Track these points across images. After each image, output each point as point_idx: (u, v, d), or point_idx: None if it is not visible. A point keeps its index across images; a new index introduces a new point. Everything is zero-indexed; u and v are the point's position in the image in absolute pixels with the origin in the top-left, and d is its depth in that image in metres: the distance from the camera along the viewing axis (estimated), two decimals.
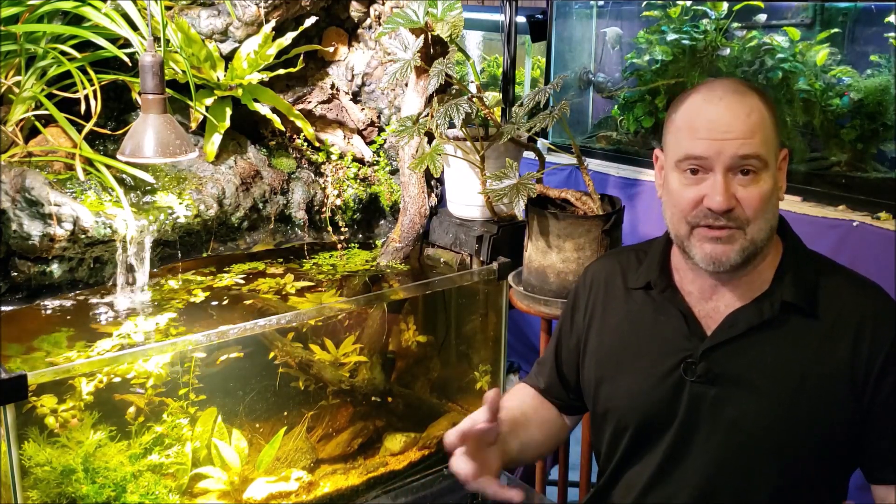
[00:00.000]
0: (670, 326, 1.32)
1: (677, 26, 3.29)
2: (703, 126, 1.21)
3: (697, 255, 1.24)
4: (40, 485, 1.63)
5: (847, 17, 2.86)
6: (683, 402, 1.28)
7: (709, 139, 1.20)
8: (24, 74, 1.86)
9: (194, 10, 2.16)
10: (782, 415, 1.23)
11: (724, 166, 1.20)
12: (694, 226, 1.23)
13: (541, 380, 1.53)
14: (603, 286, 1.44)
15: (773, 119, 1.24)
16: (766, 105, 1.23)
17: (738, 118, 1.20)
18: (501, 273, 2.17)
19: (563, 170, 3.23)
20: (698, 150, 1.21)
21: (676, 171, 1.25)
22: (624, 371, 1.37)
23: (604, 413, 1.40)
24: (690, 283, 1.32)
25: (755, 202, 1.20)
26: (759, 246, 1.23)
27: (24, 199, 1.76)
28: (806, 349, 1.24)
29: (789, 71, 2.91)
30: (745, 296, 1.28)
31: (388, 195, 2.45)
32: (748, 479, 1.25)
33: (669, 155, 1.27)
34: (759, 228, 1.22)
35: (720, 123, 1.20)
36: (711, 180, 1.20)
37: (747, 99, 1.22)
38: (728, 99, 1.22)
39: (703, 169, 1.21)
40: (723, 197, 1.19)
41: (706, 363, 1.27)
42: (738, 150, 1.19)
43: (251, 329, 1.76)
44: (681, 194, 1.24)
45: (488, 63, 4.94)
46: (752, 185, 1.20)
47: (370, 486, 2.07)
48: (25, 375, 1.46)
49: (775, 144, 1.24)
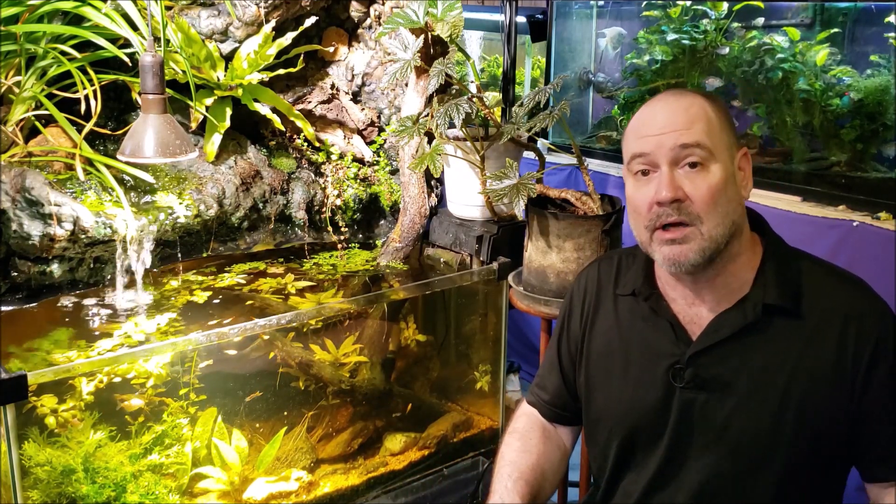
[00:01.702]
0: (657, 333, 1.32)
1: (677, 26, 3.29)
2: (644, 126, 1.25)
3: (659, 258, 1.25)
4: (40, 485, 1.63)
5: (847, 17, 2.86)
6: (674, 408, 1.28)
7: (649, 135, 1.24)
8: (24, 74, 1.86)
9: (194, 10, 2.16)
10: (771, 417, 1.23)
11: (667, 159, 1.22)
12: (652, 230, 1.24)
13: (544, 394, 1.50)
14: (595, 292, 1.45)
15: (722, 117, 1.26)
16: (711, 104, 1.26)
17: (676, 112, 1.23)
18: (501, 273, 2.17)
19: (563, 170, 3.23)
20: (641, 147, 1.24)
21: (630, 176, 1.29)
22: (614, 378, 1.37)
23: (596, 420, 1.40)
24: (672, 290, 1.32)
25: (704, 194, 1.20)
26: (719, 243, 1.22)
27: (24, 199, 1.76)
28: (791, 350, 1.24)
29: (789, 71, 2.91)
30: (726, 299, 1.27)
31: (388, 195, 2.45)
32: (743, 482, 1.25)
33: (624, 162, 1.31)
34: (714, 224, 1.21)
35: (659, 119, 1.24)
36: (658, 176, 1.23)
37: (686, 98, 1.26)
38: (666, 100, 1.27)
39: (651, 167, 1.24)
40: (667, 188, 1.20)
41: (693, 369, 1.27)
42: (677, 140, 1.21)
43: (251, 329, 1.76)
44: (635, 197, 1.26)
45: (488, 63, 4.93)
46: (699, 177, 1.21)
47: (370, 486, 2.07)
48: (25, 375, 1.46)
49: (726, 140, 1.25)
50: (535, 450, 1.44)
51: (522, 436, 1.47)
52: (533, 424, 1.50)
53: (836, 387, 1.22)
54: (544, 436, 1.48)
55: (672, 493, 1.29)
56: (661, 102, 1.27)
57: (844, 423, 1.22)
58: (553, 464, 1.46)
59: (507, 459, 1.42)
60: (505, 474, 1.38)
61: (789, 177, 2.88)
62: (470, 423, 2.35)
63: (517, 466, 1.40)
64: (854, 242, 2.44)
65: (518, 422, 1.51)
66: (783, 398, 1.22)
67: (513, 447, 1.45)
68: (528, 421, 1.51)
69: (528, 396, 1.55)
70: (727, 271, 1.27)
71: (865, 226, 2.43)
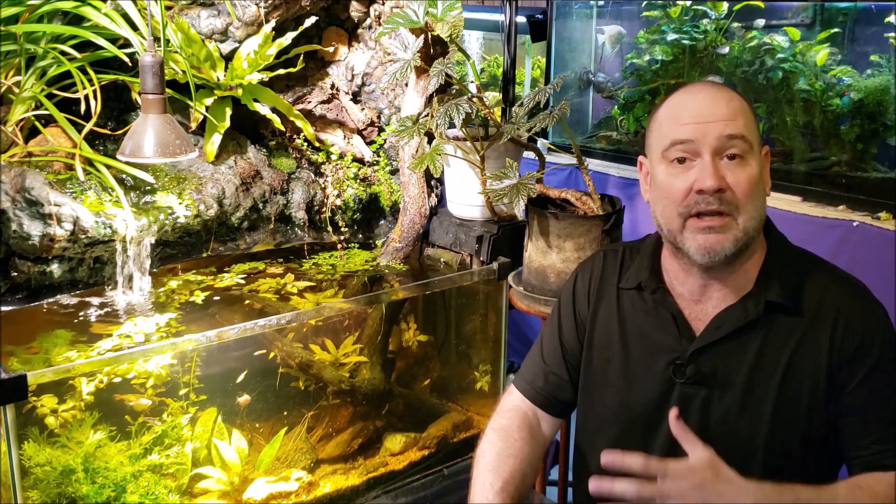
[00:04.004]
0: (661, 328, 1.32)
1: (677, 26, 3.29)
2: (687, 113, 1.25)
3: (691, 247, 1.24)
4: (40, 485, 1.63)
5: (847, 17, 2.86)
6: (672, 402, 1.28)
7: (693, 123, 1.23)
8: (24, 74, 1.86)
9: (194, 10, 2.16)
10: (769, 414, 1.24)
11: (710, 148, 1.21)
12: (686, 217, 1.23)
13: (539, 380, 1.47)
14: (598, 282, 1.44)
15: (754, 114, 1.27)
16: (746, 100, 1.27)
17: (720, 103, 1.23)
18: (501, 273, 2.17)
19: (563, 170, 3.23)
20: (684, 134, 1.23)
21: (663, 162, 1.27)
22: (614, 371, 1.37)
23: (592, 412, 1.40)
24: (681, 285, 1.33)
25: (745, 185, 1.21)
26: (750, 237, 1.23)
27: (24, 199, 1.76)
28: (789, 347, 1.25)
29: (789, 71, 2.92)
30: (731, 296, 1.28)
31: (388, 195, 2.45)
32: None
33: (654, 149, 1.29)
34: (749, 217, 1.22)
35: (703, 108, 1.24)
36: (700, 164, 1.22)
37: (726, 90, 1.27)
38: (708, 90, 1.27)
39: (690, 155, 1.23)
40: (713, 177, 1.20)
41: (695, 365, 1.27)
42: (723, 130, 1.21)
43: (251, 329, 1.76)
44: (671, 185, 1.25)
45: (488, 63, 4.94)
46: (740, 169, 1.22)
47: (370, 486, 2.07)
48: (25, 375, 1.46)
49: (757, 136, 1.26)
50: (519, 453, 1.38)
51: (506, 436, 1.41)
52: (519, 423, 1.43)
53: (826, 383, 1.23)
54: (529, 434, 1.42)
55: None
56: (702, 92, 1.26)
57: (833, 417, 1.24)
58: (533, 464, 1.40)
59: (489, 463, 1.36)
60: (487, 483, 1.32)
61: (789, 176, 2.88)
62: (470, 423, 2.34)
63: (500, 474, 1.33)
64: (854, 242, 2.44)
65: (503, 418, 1.45)
66: (780, 394, 1.24)
67: (495, 448, 1.38)
68: (513, 418, 1.44)
69: (520, 385, 1.49)
70: (741, 268, 1.27)
71: (865, 226, 2.43)
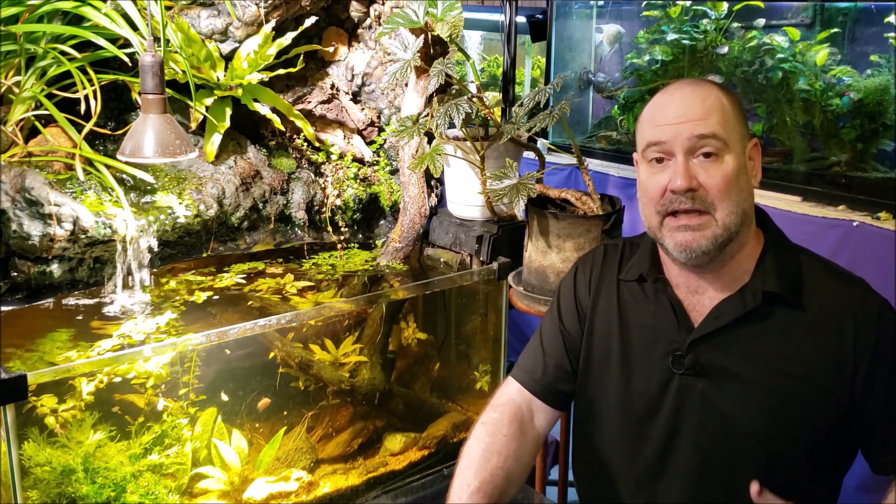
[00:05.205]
0: (660, 318, 1.34)
1: (677, 26, 3.29)
2: (661, 115, 1.27)
3: (670, 244, 1.27)
4: (40, 485, 1.63)
5: (847, 17, 2.86)
6: (671, 393, 1.29)
7: (666, 124, 1.25)
8: (24, 74, 1.86)
9: (194, 10, 2.16)
10: (768, 405, 1.24)
11: (682, 148, 1.24)
12: (664, 215, 1.26)
13: (537, 370, 1.46)
14: (599, 274, 1.46)
15: (736, 108, 1.28)
16: (726, 95, 1.28)
17: (693, 103, 1.25)
18: (501, 273, 2.17)
19: (563, 170, 3.23)
20: (657, 135, 1.26)
21: (644, 162, 1.31)
22: (613, 362, 1.38)
23: (591, 403, 1.41)
24: (676, 277, 1.34)
25: (718, 183, 1.23)
26: (732, 232, 1.24)
27: (24, 199, 1.76)
28: (790, 340, 1.25)
29: (789, 71, 2.92)
30: (728, 287, 1.29)
31: (388, 195, 2.45)
32: (737, 470, 1.25)
33: (638, 149, 1.33)
34: (728, 212, 1.23)
35: (677, 109, 1.26)
36: (674, 164, 1.25)
37: (703, 88, 1.28)
38: (683, 90, 1.29)
39: (666, 155, 1.26)
40: (683, 177, 1.22)
41: (693, 355, 1.28)
42: (693, 130, 1.23)
43: (251, 329, 1.76)
44: (649, 184, 1.28)
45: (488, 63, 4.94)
46: (714, 167, 1.23)
47: (370, 486, 2.07)
48: (25, 375, 1.46)
49: (740, 131, 1.27)
50: (505, 449, 1.36)
51: (494, 430, 1.39)
52: (510, 417, 1.41)
53: (834, 381, 1.23)
54: (519, 429, 1.40)
55: (668, 478, 1.30)
56: (678, 92, 1.28)
57: (841, 416, 1.24)
58: (521, 460, 1.38)
59: (471, 461, 1.34)
60: (465, 483, 1.31)
61: (789, 176, 2.88)
62: (470, 423, 2.34)
63: (477, 474, 1.32)
64: (854, 242, 2.44)
65: (495, 411, 1.43)
66: (781, 387, 1.24)
67: (481, 444, 1.36)
68: (504, 412, 1.42)
69: (519, 376, 1.48)
70: (733, 261, 1.29)
71: (865, 226, 2.44)
